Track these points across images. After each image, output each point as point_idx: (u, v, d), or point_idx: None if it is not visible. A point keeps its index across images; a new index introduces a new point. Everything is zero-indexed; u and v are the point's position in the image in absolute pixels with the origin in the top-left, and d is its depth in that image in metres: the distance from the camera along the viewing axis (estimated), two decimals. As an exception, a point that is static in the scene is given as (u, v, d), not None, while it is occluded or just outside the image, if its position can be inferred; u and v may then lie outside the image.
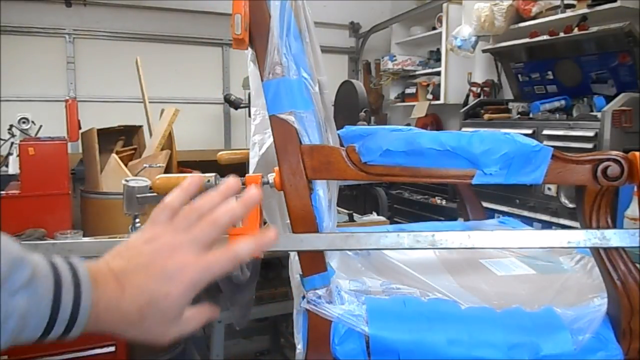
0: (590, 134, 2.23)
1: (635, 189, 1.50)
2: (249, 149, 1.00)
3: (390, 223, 2.24)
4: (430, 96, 3.94)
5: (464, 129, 2.89)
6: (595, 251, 0.70)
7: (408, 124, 4.07)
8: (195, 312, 0.50)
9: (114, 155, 2.71)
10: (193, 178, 0.54)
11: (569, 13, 2.62)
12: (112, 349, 1.91)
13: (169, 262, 0.48)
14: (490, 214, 2.55)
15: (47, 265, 0.44)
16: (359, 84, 2.84)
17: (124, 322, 0.47)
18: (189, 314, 0.50)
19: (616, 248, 0.68)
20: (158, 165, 2.57)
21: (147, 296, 0.46)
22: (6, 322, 0.40)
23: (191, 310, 0.50)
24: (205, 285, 0.49)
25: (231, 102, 3.78)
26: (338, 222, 1.53)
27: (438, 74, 3.83)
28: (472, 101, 3.22)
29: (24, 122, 2.85)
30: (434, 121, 4.09)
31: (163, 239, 0.49)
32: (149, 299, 0.46)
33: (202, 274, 0.48)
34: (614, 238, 0.66)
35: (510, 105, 2.90)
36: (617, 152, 0.67)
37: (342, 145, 0.90)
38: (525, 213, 2.54)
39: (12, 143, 2.82)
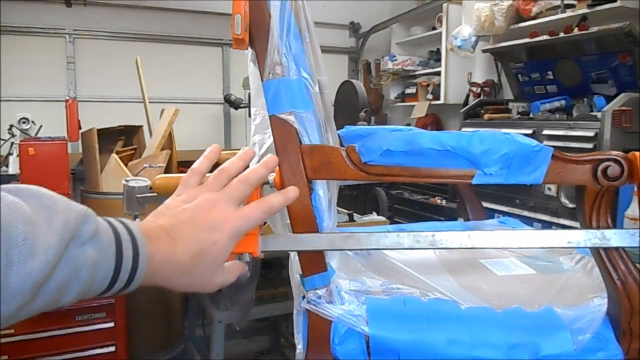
0: (590, 134, 2.23)
1: (635, 189, 1.50)
2: (248, 149, 1.00)
3: (390, 223, 2.24)
4: (430, 96, 3.94)
5: (464, 129, 2.89)
6: (595, 251, 0.70)
7: (408, 124, 4.07)
8: (231, 265, 0.57)
9: (114, 155, 2.71)
10: (214, 146, 0.64)
11: (569, 13, 2.62)
12: (112, 349, 1.92)
13: (211, 214, 0.53)
14: (490, 214, 2.55)
15: (104, 221, 0.47)
16: (359, 84, 2.84)
17: (178, 272, 0.51)
18: (229, 266, 0.56)
19: (616, 248, 0.68)
20: (158, 165, 2.57)
21: (197, 245, 0.51)
22: (79, 273, 0.42)
23: (229, 264, 0.56)
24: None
25: (231, 102, 3.78)
26: (338, 222, 1.53)
27: (438, 74, 3.83)
28: (472, 101, 3.22)
29: (24, 122, 2.85)
30: (434, 121, 4.09)
31: (200, 197, 0.54)
32: (198, 248, 0.51)
33: (242, 223, 0.54)
34: (614, 238, 0.66)
35: (510, 105, 2.90)
36: (617, 152, 0.67)
37: (342, 145, 0.90)
38: (525, 213, 2.54)
39: (12, 143, 2.82)
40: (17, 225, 0.37)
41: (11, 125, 2.87)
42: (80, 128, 2.85)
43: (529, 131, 2.51)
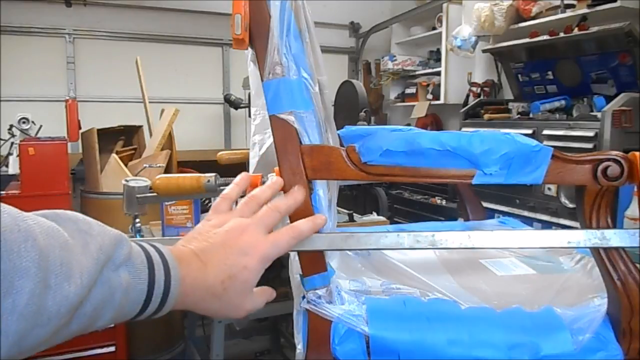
0: (590, 134, 2.23)
1: (635, 189, 1.50)
2: (249, 149, 1.00)
3: (390, 223, 2.24)
4: (430, 96, 3.94)
5: (464, 129, 2.89)
6: (595, 251, 0.70)
7: (408, 124, 4.07)
8: (261, 290, 0.58)
9: (114, 155, 2.71)
10: (243, 175, 0.65)
11: (569, 13, 2.62)
12: (112, 349, 1.92)
13: (242, 239, 0.54)
14: (490, 214, 2.55)
15: (137, 245, 0.48)
16: (359, 84, 2.84)
17: (209, 296, 0.51)
18: (257, 291, 0.57)
19: (616, 248, 0.68)
20: (158, 165, 2.57)
21: (228, 269, 0.52)
22: (113, 296, 0.43)
23: (258, 289, 0.57)
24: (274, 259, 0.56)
25: (231, 102, 3.78)
26: (338, 222, 1.53)
27: (438, 74, 3.83)
28: (472, 101, 3.22)
29: (24, 122, 2.85)
30: (434, 121, 4.09)
31: (232, 222, 0.56)
32: (229, 272, 0.52)
33: (272, 249, 0.55)
34: (614, 238, 0.66)
35: (510, 105, 2.90)
36: (617, 152, 0.67)
37: (342, 145, 0.90)
38: (525, 213, 2.54)
39: (12, 143, 2.82)
40: (54, 251, 0.38)
41: (11, 125, 2.87)
42: (80, 128, 2.85)
43: (529, 131, 2.51)
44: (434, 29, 3.92)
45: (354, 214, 1.98)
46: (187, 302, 0.50)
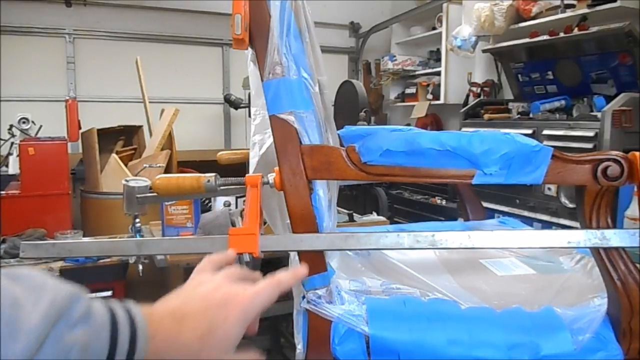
0: (590, 134, 2.23)
1: (635, 189, 1.50)
2: (249, 149, 1.00)
3: (390, 223, 2.24)
4: (430, 96, 3.94)
5: (464, 129, 2.89)
6: (595, 251, 0.70)
7: (408, 124, 4.06)
8: (245, 354, 0.54)
9: (114, 155, 2.72)
10: (230, 251, 0.62)
11: (569, 13, 2.62)
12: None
13: (221, 291, 0.52)
14: (490, 214, 2.55)
15: (100, 303, 0.45)
16: (359, 84, 2.84)
17: (185, 353, 0.48)
18: (241, 355, 0.53)
19: (616, 248, 0.68)
20: (158, 165, 2.58)
21: (207, 323, 0.49)
22: (68, 354, 0.40)
23: (241, 352, 0.53)
24: (257, 315, 0.53)
25: (231, 102, 3.78)
26: (338, 222, 1.53)
27: (438, 74, 3.83)
28: (472, 101, 3.22)
29: (24, 122, 2.85)
30: (434, 121, 4.09)
31: (214, 280, 0.54)
32: (208, 326, 0.49)
33: (253, 300, 0.52)
34: (614, 238, 0.66)
35: (510, 105, 2.90)
36: (617, 152, 0.67)
37: (342, 145, 0.90)
38: (525, 213, 2.54)
39: (12, 143, 2.82)
40: (4, 310, 0.37)
41: (11, 125, 2.87)
42: (80, 128, 2.85)
43: (529, 131, 2.51)
44: (434, 29, 3.92)
45: (354, 214, 1.98)
46: None
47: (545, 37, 2.63)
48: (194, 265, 0.57)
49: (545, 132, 2.46)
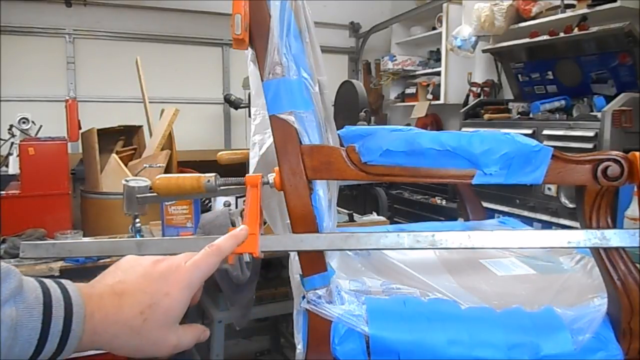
0: (590, 134, 2.23)
1: (635, 189, 1.50)
2: (249, 149, 1.00)
3: (390, 223, 2.24)
4: (430, 96, 3.94)
5: (464, 129, 2.89)
6: (595, 251, 0.70)
7: (408, 124, 4.07)
8: (190, 327, 0.52)
9: (114, 155, 2.72)
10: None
11: (569, 13, 2.62)
12: (112, 349, 1.91)
13: (160, 266, 0.50)
14: (490, 214, 2.55)
15: (34, 280, 0.44)
16: (359, 84, 2.84)
17: (126, 330, 0.47)
18: (185, 327, 0.51)
19: (616, 248, 0.68)
20: (158, 165, 2.58)
21: (149, 297, 0.48)
22: None
23: (186, 326, 0.51)
24: (199, 286, 0.51)
25: (231, 102, 3.78)
26: (338, 222, 1.53)
27: (438, 74, 3.83)
28: (472, 101, 3.22)
29: (24, 122, 2.85)
30: (434, 121, 4.09)
31: (147, 258, 0.52)
32: (150, 300, 0.48)
33: (193, 271, 0.50)
34: (614, 238, 0.66)
35: (510, 105, 2.90)
36: (617, 152, 0.67)
37: (342, 145, 0.90)
38: (525, 213, 2.54)
39: (12, 143, 2.82)
40: None
41: (11, 125, 2.87)
42: (80, 128, 2.85)
43: (529, 131, 2.51)
44: (434, 29, 3.92)
45: (354, 214, 1.98)
46: (99, 340, 0.46)
47: (545, 37, 2.63)
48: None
49: (545, 132, 2.46)
